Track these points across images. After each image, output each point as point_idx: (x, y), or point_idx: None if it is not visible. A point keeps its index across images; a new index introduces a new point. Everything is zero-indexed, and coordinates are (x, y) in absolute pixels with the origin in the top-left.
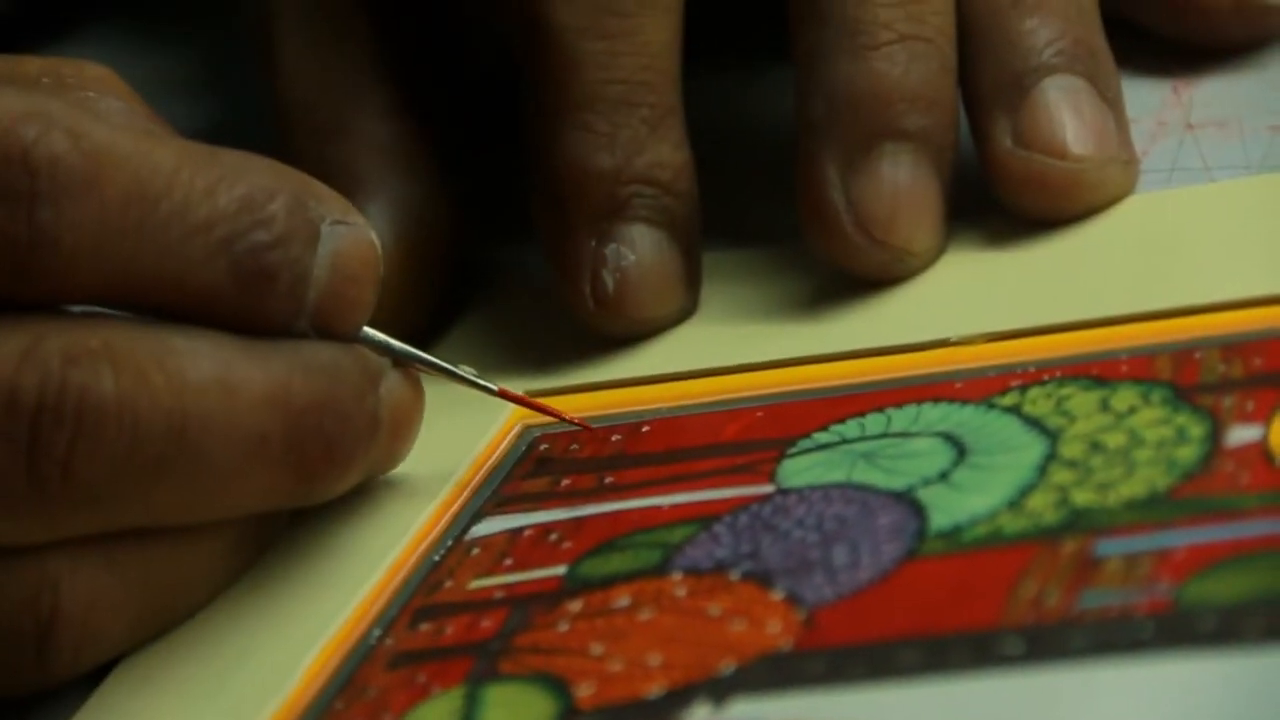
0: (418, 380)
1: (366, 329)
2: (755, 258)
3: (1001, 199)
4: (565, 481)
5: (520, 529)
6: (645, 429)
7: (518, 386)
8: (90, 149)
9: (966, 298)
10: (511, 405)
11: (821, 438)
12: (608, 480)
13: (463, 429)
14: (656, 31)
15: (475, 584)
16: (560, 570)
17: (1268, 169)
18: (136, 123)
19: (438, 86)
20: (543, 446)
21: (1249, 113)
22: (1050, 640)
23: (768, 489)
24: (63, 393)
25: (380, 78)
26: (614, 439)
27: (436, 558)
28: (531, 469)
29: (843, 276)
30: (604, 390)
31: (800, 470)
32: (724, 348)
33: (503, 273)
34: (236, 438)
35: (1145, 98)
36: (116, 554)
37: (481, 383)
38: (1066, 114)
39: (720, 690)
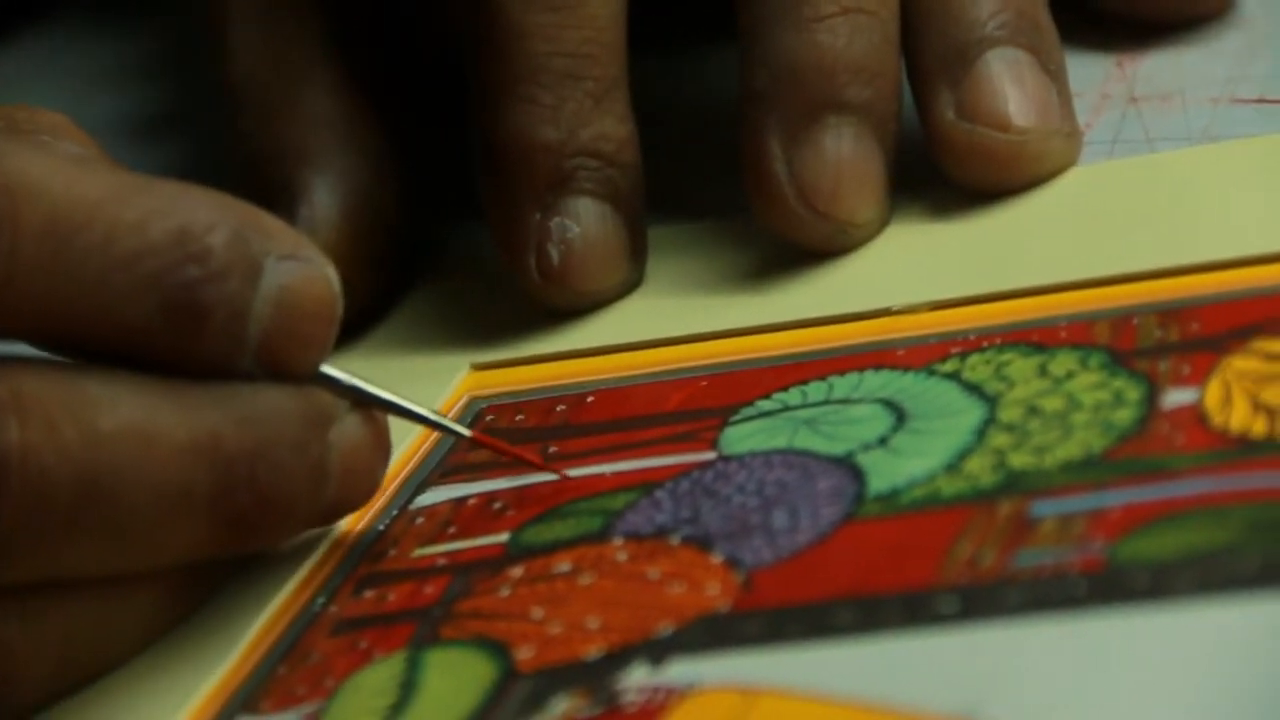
0: (380, 424)
1: (327, 369)
2: (700, 231)
3: (944, 171)
4: None
5: (464, 498)
6: (590, 399)
7: (464, 360)
8: (2, 181)
9: (909, 268)
10: (458, 377)
11: (764, 405)
12: (552, 450)
13: (409, 401)
14: (602, 5)
15: (419, 552)
16: (503, 538)
17: (1209, 140)
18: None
19: (388, 65)
20: (489, 418)
21: (1191, 85)
22: (985, 599)
23: (709, 456)
24: None
25: (329, 55)
26: (559, 409)
27: (381, 527)
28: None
29: (787, 248)
30: (549, 362)
31: (742, 437)
32: (669, 319)
33: (450, 249)
34: (155, 490)
35: (1089, 71)
36: (30, 606)
37: (453, 426)
38: (1009, 86)
39: (658, 651)
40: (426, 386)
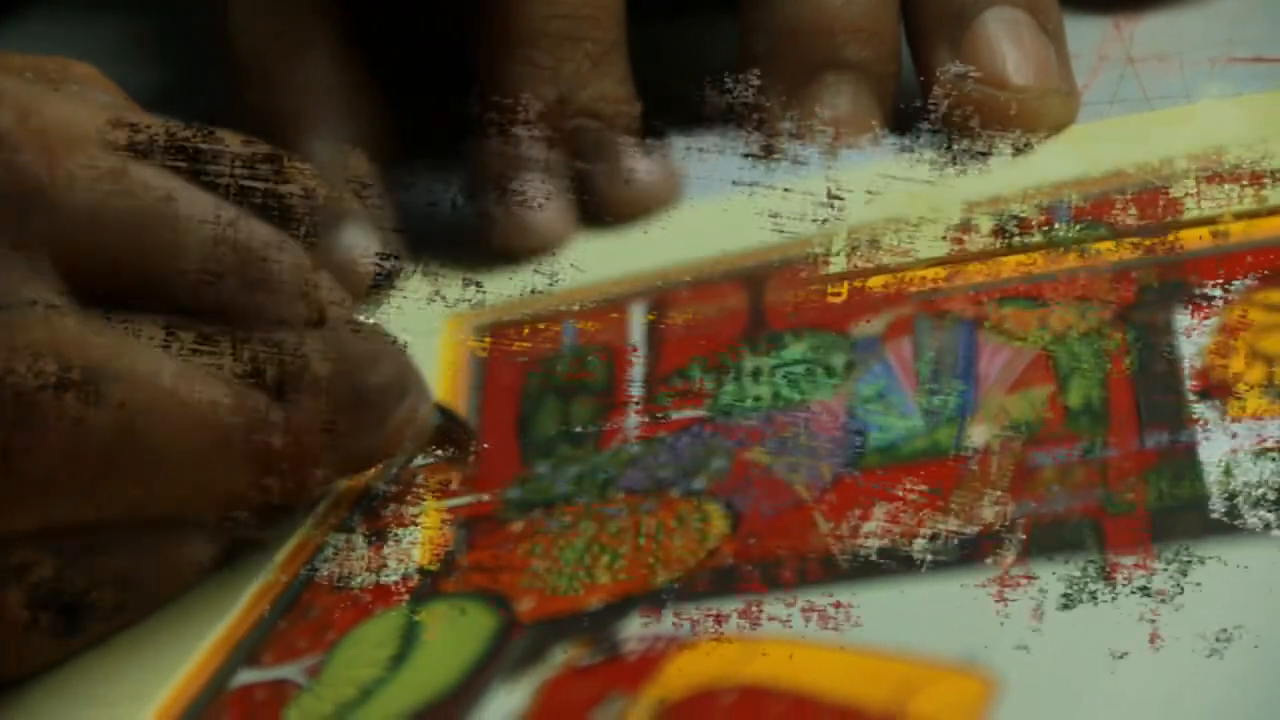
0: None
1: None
2: None
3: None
4: None
5: None
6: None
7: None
8: (39, 126)
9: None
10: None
11: (756, 363)
12: None
13: None
14: None
15: (419, 509)
16: (503, 494)
17: (1208, 100)
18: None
19: (386, 33)
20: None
21: (1190, 47)
22: (986, 545)
23: (708, 413)
24: (2, 384)
25: (329, 25)
26: None
27: (382, 486)
28: None
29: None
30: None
31: (740, 394)
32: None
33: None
34: (191, 432)
35: (1087, 33)
36: (68, 548)
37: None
38: (1007, 45)
39: (657, 600)
40: (424, 351)
